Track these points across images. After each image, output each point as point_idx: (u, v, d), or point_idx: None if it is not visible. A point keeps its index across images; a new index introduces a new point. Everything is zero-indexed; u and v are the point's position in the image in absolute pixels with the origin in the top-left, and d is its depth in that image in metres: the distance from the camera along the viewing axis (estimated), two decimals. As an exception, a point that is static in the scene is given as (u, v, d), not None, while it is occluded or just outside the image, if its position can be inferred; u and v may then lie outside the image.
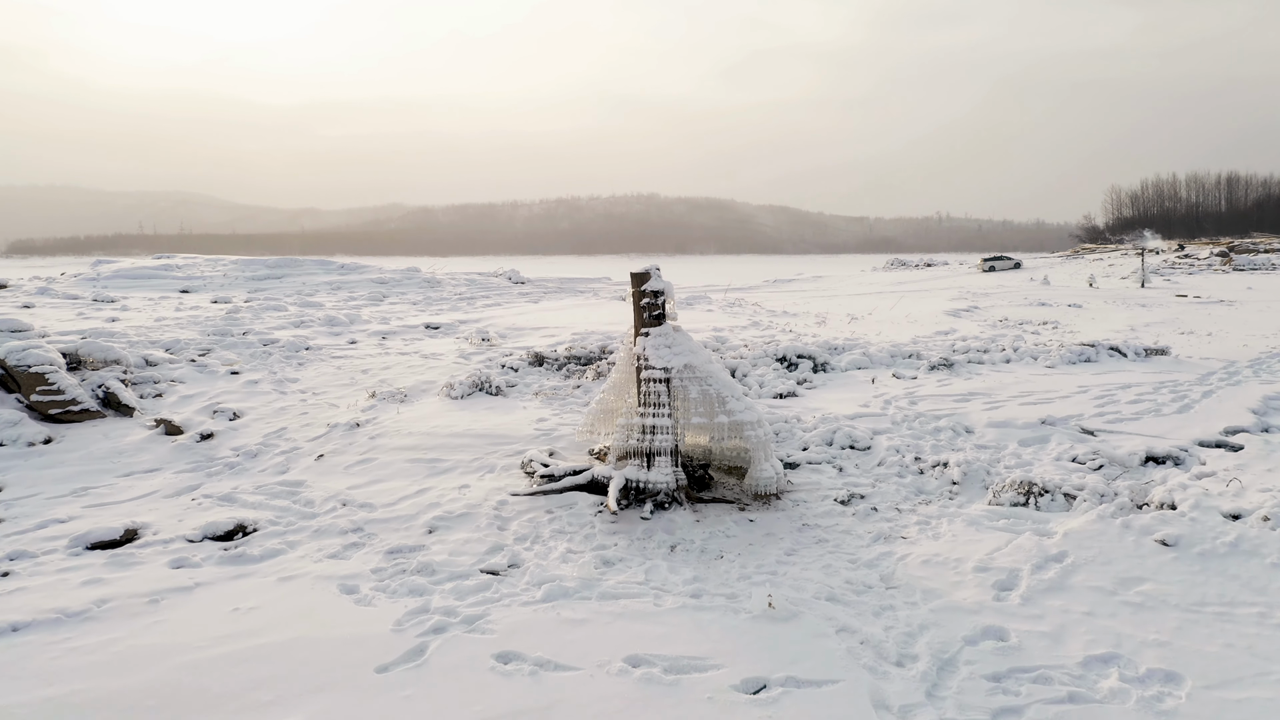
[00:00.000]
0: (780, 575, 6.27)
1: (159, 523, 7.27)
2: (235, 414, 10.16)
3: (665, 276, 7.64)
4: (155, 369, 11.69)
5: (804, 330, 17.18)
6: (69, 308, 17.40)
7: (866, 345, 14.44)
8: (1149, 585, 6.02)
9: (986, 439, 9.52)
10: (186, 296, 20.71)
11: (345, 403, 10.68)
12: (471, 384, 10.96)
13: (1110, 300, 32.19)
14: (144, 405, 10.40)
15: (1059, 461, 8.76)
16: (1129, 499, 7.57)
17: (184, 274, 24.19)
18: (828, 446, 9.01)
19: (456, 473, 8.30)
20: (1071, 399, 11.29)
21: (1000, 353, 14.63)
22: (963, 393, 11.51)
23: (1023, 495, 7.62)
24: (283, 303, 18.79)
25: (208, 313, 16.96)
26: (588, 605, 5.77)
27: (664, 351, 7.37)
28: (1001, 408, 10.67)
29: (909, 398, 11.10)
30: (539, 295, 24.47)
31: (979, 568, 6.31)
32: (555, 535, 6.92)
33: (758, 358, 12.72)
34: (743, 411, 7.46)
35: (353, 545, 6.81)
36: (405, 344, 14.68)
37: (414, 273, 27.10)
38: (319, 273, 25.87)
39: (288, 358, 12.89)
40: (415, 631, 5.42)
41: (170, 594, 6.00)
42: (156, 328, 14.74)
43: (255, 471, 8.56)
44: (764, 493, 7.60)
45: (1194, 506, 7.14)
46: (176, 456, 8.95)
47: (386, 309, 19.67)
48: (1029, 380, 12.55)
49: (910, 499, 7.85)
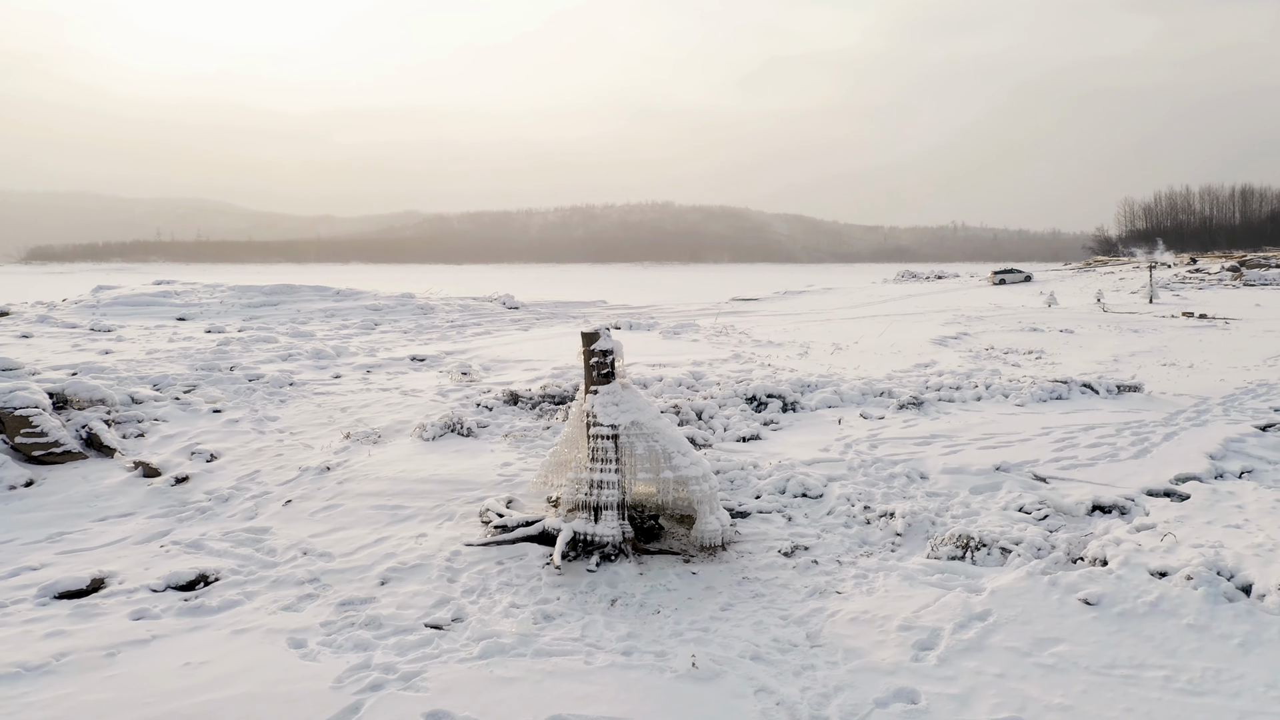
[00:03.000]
0: (712, 632, 6.53)
1: (126, 571, 7.58)
2: (212, 455, 10.49)
3: (617, 337, 7.93)
4: (140, 407, 12.03)
5: (783, 364, 17.45)
6: (66, 338, 17.81)
7: (839, 382, 14.69)
8: (1064, 646, 6.26)
9: (939, 486, 9.76)
10: (182, 325, 21.13)
11: (320, 444, 11.00)
12: (444, 425, 11.27)
13: (1104, 325, 32.30)
14: (126, 446, 10.73)
15: (1005, 511, 9.00)
16: (1065, 553, 7.82)
17: (182, 301, 24.64)
18: (780, 495, 9.27)
19: (416, 520, 8.59)
20: (1032, 442, 11.52)
21: (972, 390, 14.85)
22: (925, 435, 11.75)
23: (960, 549, 7.87)
24: (275, 333, 19.18)
25: (199, 344, 17.33)
26: (521, 663, 6.05)
27: (611, 409, 7.66)
28: (960, 452, 10.91)
29: (871, 440, 11.35)
30: (530, 322, 24.83)
31: (903, 626, 6.56)
32: (502, 588, 7.20)
33: (727, 398, 13.00)
34: (688, 467, 7.74)
35: (307, 596, 7.10)
36: (388, 378, 15.02)
37: (408, 299, 27.50)
38: (315, 299, 26.29)
39: (270, 394, 13.23)
40: (353, 689, 5.70)
41: (127, 647, 6.30)
42: (147, 361, 15.11)
43: (225, 517, 8.87)
44: (709, 545, 7.86)
45: (1123, 563, 7.38)
46: (151, 500, 9.27)
47: (377, 338, 20.04)
48: (995, 420, 12.78)
49: (853, 550, 8.10)
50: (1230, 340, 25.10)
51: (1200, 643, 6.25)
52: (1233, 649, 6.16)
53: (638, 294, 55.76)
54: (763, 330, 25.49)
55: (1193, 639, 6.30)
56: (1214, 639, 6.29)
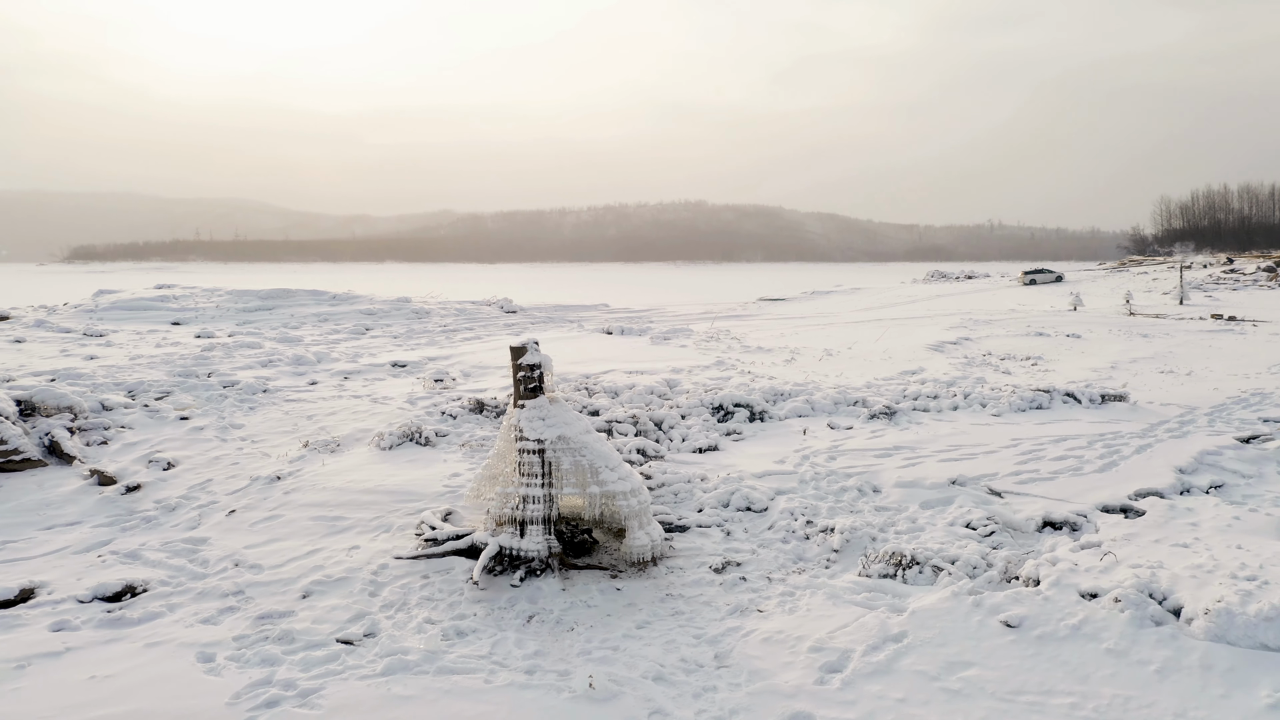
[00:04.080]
0: (621, 651, 6.49)
1: (57, 581, 7.65)
2: (169, 464, 10.57)
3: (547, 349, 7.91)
4: (109, 414, 12.16)
5: (764, 371, 17.34)
6: (57, 342, 18.04)
7: (814, 391, 14.58)
8: (975, 670, 6.17)
9: (890, 500, 9.66)
10: (174, 330, 21.35)
11: (278, 452, 11.05)
12: (402, 434, 11.29)
13: (1114, 329, 31.82)
14: (87, 454, 10.84)
15: (952, 527, 8.88)
16: (1000, 572, 7.70)
17: (179, 305, 24.90)
18: (723, 509, 9.21)
19: (354, 532, 8.61)
20: (997, 454, 11.38)
21: (950, 399, 14.69)
22: (889, 446, 11.63)
23: (893, 567, 7.77)
24: (263, 338, 19.33)
25: (185, 349, 17.49)
26: (422, 680, 6.04)
27: (538, 424, 7.64)
28: (919, 464, 10.79)
29: (831, 452, 11.25)
30: (524, 327, 24.85)
31: (815, 647, 6.48)
32: (422, 603, 7.20)
33: (692, 407, 12.94)
34: (615, 482, 7.70)
35: (228, 610, 7.13)
36: (364, 385, 15.08)
37: (404, 303, 27.63)
38: (310, 304, 26.48)
39: (242, 400, 13.32)
40: (249, 705, 5.72)
41: (39, 659, 6.35)
42: (128, 367, 15.27)
43: (168, 526, 8.94)
44: (638, 560, 7.82)
45: (1054, 584, 7.26)
46: (99, 509, 9.35)
47: (365, 343, 20.14)
48: (966, 431, 12.63)
49: (786, 567, 8.03)
50: (1243, 345, 24.63)
51: (1116, 668, 6.13)
52: (1148, 675, 6.04)
53: (665, 293, 55.13)
54: (757, 336, 25.36)
55: (1109, 664, 6.18)
56: (1131, 665, 6.17)
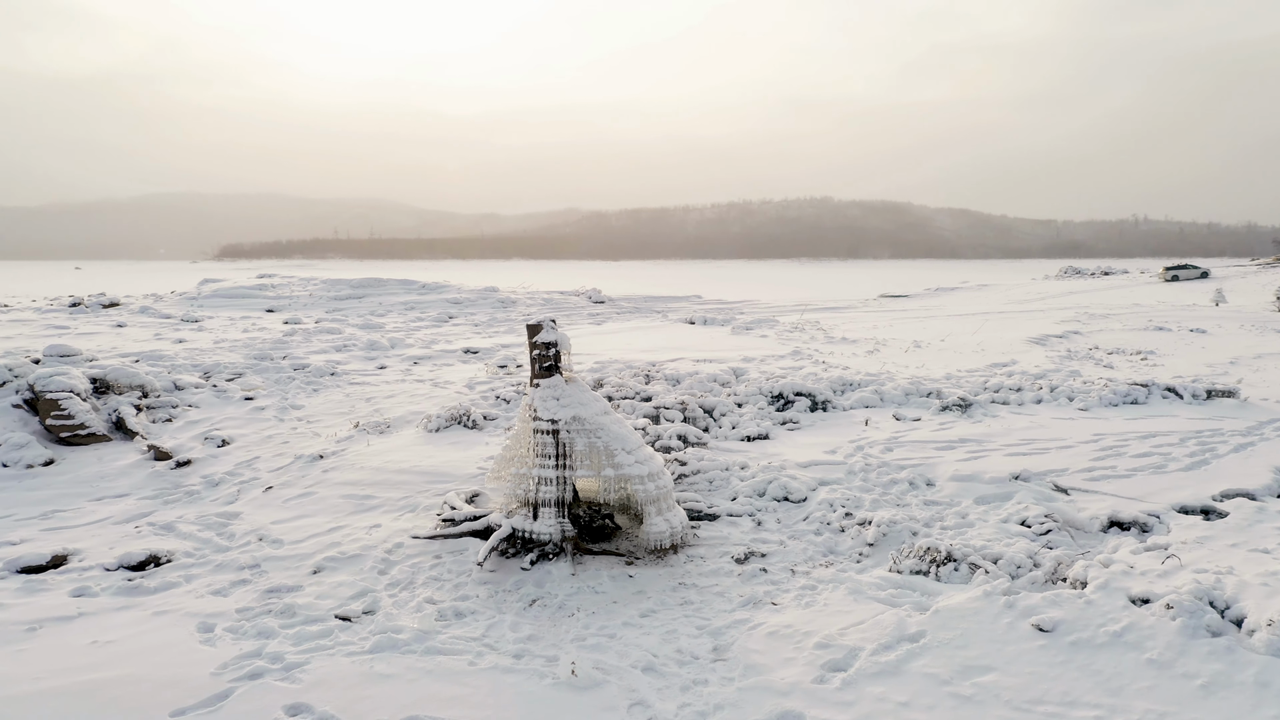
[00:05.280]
0: (617, 639, 6.22)
1: (91, 549, 7.87)
2: (224, 441, 10.83)
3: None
4: (180, 393, 12.58)
5: (840, 361, 16.70)
6: (153, 328, 18.89)
7: (885, 381, 13.93)
8: (992, 676, 5.64)
9: (943, 494, 9.07)
10: (265, 316, 22.10)
11: (329, 433, 11.19)
12: (450, 417, 11.28)
13: (1247, 325, 29.57)
14: (151, 430, 11.22)
15: (1005, 524, 8.25)
16: (1047, 573, 7.09)
17: (275, 294, 25.81)
18: (758, 498, 8.80)
19: (379, 511, 8.59)
20: (1073, 449, 10.59)
21: (1035, 392, 13.81)
22: (954, 439, 10.96)
23: (926, 564, 7.24)
24: (345, 324, 19.78)
25: (270, 334, 18.04)
26: (407, 660, 5.90)
27: (551, 404, 7.42)
28: (983, 458, 10.11)
29: (889, 443, 10.67)
30: (608, 317, 24.74)
31: (822, 644, 6.06)
32: (428, 582, 7.08)
33: (750, 395, 12.50)
34: (631, 465, 7.42)
35: (240, 582, 7.17)
36: (430, 370, 15.21)
37: (490, 293, 27.91)
38: (399, 293, 27.03)
39: (308, 382, 13.60)
40: (232, 676, 5.69)
41: (51, 622, 6.51)
42: (211, 350, 15.83)
43: (208, 500, 9.12)
44: (656, 547, 7.52)
45: (1101, 586, 6.61)
46: (149, 483, 9.63)
47: (444, 330, 20.39)
48: (1044, 425, 11.82)
49: (813, 560, 7.59)
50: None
51: (1155, 681, 5.51)
52: (1191, 690, 5.40)
53: (785, 290, 53.46)
54: (846, 328, 24.55)
55: (1147, 676, 5.55)
56: (1173, 678, 5.53)
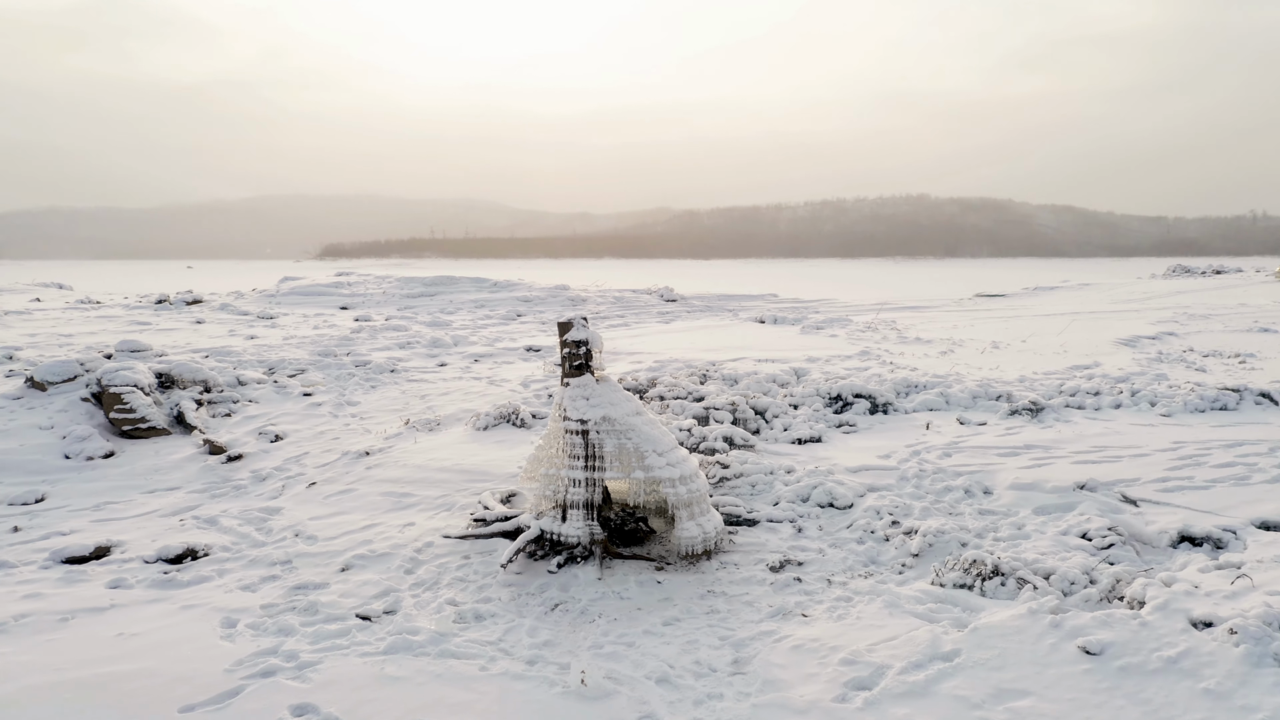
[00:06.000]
0: (635, 647, 6.01)
1: (133, 541, 8.02)
2: (277, 436, 10.98)
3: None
4: (242, 388, 12.85)
5: (910, 362, 16.14)
6: (230, 324, 19.44)
7: (953, 383, 13.37)
8: (1028, 701, 5.25)
9: (999, 503, 8.60)
10: (338, 314, 22.56)
11: (379, 429, 11.26)
12: (499, 415, 11.22)
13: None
14: (209, 424, 11.46)
15: (1063, 536, 7.76)
16: (1103, 590, 6.62)
17: (350, 292, 26.35)
18: (801, 503, 8.47)
19: (415, 509, 8.55)
20: (1148, 458, 9.94)
21: (1114, 396, 13.07)
22: (1019, 444, 10.42)
23: (972, 577, 6.83)
24: (413, 321, 20.04)
25: (338, 331, 18.37)
26: (419, 662, 5.80)
27: (580, 403, 7.26)
28: (1047, 465, 9.57)
29: (949, 448, 10.20)
30: (677, 315, 24.52)
31: (848, 660, 5.74)
32: (453, 583, 6.99)
33: (807, 396, 12.12)
34: (662, 468, 7.19)
35: (270, 578, 7.19)
36: (490, 368, 15.23)
37: (561, 291, 27.97)
38: (470, 290, 27.30)
39: (366, 379, 13.75)
40: (244, 673, 5.67)
41: (83, 613, 6.62)
42: (279, 346, 16.17)
43: (253, 495, 9.23)
44: (688, 553, 7.28)
45: (1160, 607, 6.13)
46: (199, 476, 9.81)
47: (511, 328, 20.48)
48: (1120, 432, 11.15)
49: (852, 570, 7.25)
50: None
51: (1209, 713, 5.04)
52: (1251, 726, 4.92)
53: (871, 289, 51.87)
54: (923, 328, 23.79)
55: (1201, 707, 5.09)
56: (1230, 710, 5.05)
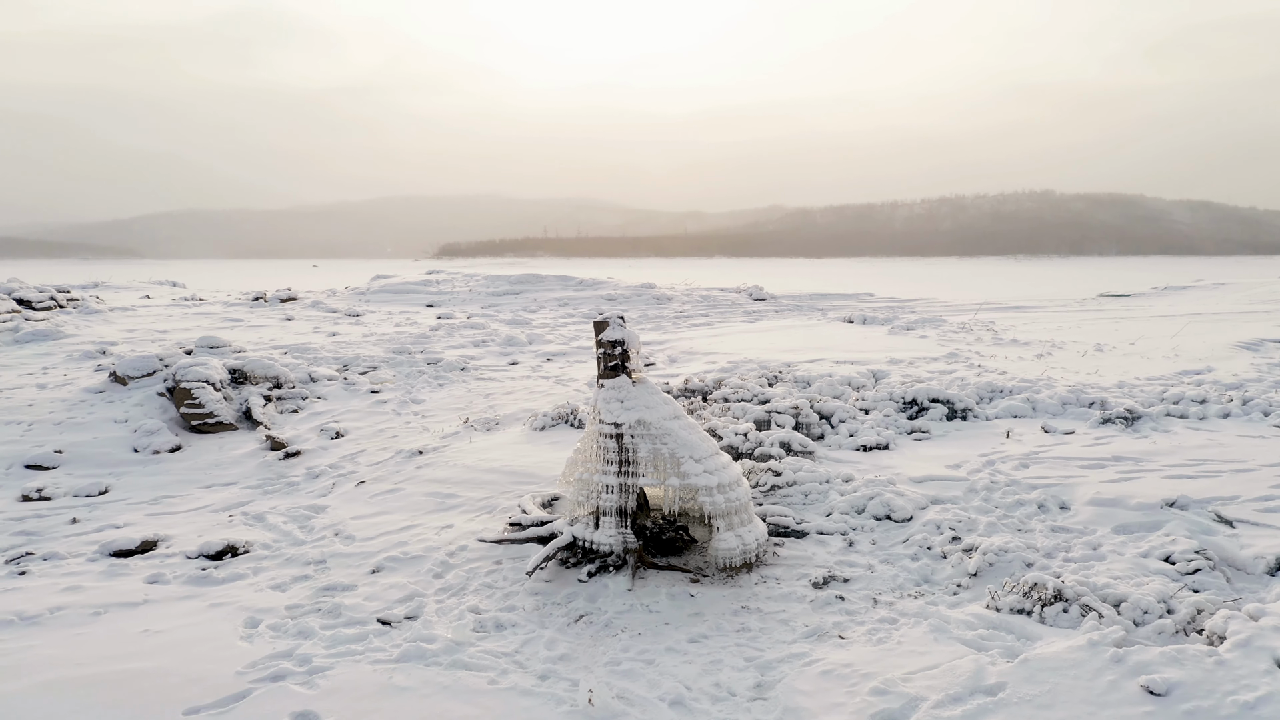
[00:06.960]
0: (654, 665, 5.68)
1: (181, 536, 8.11)
2: (338, 433, 11.05)
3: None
4: (313, 385, 13.02)
5: (1000, 366, 15.26)
6: (317, 321, 19.88)
7: (1042, 388, 12.53)
8: (1079, 747, 4.70)
9: (1076, 520, 7.92)
10: (423, 311, 22.85)
11: (438, 428, 11.21)
12: (556, 415, 11.03)
13: None
14: (275, 420, 11.63)
15: (1144, 559, 7.07)
16: (1181, 621, 5.97)
17: (436, 290, 26.69)
18: (855, 515, 7.97)
19: (456, 511, 8.41)
20: (1253, 473, 9.05)
21: (1222, 404, 12.03)
22: (1107, 456, 9.64)
23: (1031, 601, 6.25)
24: (494, 320, 20.12)
25: (417, 329, 18.57)
26: (428, 673, 5.61)
27: (614, 406, 6.96)
28: (1135, 479, 8.80)
29: (1026, 458, 9.51)
30: (764, 314, 23.95)
31: (879, 690, 5.28)
32: (480, 589, 6.79)
33: (879, 400, 11.53)
34: (699, 475, 6.83)
35: (301, 578, 7.14)
36: (560, 367, 15.09)
37: (646, 289, 27.70)
38: (556, 289, 27.33)
39: (435, 377, 13.78)
40: (255, 676, 5.58)
41: (117, 608, 6.67)
42: (357, 343, 16.40)
43: (303, 492, 9.26)
44: (727, 565, 6.91)
45: (1241, 644, 5.45)
46: (256, 472, 9.91)
47: (591, 328, 20.32)
48: (1225, 444, 10.22)
49: (902, 589, 6.74)
50: None
51: (1291, 772, 4.41)
52: (1342, 790, 4.28)
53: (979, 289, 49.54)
54: (1023, 329, 22.61)
55: (1282, 765, 4.46)
56: (1317, 770, 4.41)
